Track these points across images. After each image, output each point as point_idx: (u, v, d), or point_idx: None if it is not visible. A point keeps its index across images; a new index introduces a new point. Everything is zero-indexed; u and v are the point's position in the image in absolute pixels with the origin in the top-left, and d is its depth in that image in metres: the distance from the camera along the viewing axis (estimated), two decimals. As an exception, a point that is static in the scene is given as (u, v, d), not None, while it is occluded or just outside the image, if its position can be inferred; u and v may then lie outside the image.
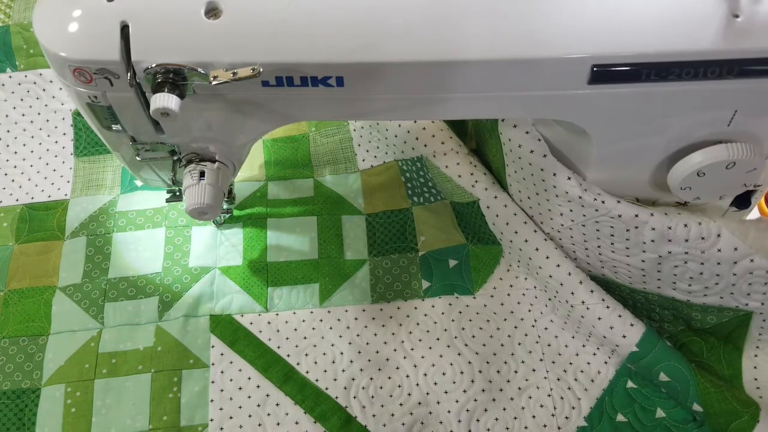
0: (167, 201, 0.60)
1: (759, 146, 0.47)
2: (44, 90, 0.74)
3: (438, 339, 0.62)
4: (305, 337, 0.62)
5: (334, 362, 0.61)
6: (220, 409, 0.59)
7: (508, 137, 0.56)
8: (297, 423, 0.58)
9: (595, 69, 0.42)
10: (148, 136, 0.49)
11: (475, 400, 0.59)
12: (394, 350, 0.62)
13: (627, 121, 0.47)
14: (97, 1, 0.41)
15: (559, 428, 0.59)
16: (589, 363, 0.61)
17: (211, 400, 0.59)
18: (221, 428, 0.58)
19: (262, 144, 0.72)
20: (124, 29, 0.41)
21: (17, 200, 0.69)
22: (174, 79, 0.41)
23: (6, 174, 0.70)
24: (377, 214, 0.68)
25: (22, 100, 0.73)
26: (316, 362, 0.61)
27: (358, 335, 0.62)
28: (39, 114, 0.73)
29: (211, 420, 0.58)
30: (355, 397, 0.60)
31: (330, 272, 0.65)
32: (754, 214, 0.66)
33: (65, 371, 0.60)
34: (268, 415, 0.59)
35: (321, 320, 0.63)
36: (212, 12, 0.41)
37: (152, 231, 0.67)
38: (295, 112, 0.48)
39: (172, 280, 0.64)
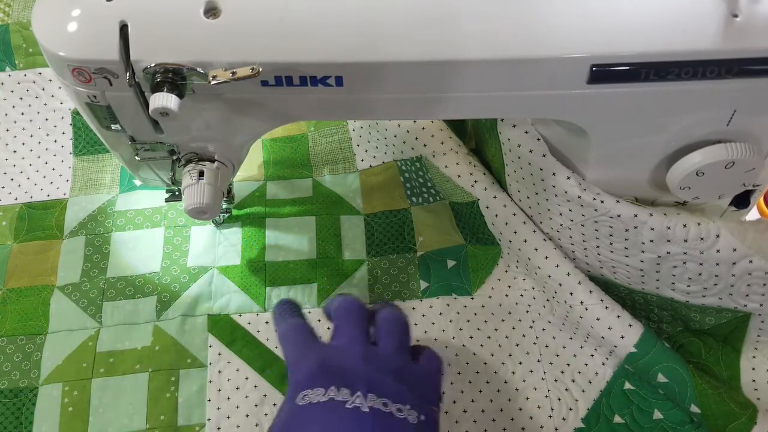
0: (166, 200, 0.60)
1: (758, 146, 0.47)
2: (43, 89, 0.74)
3: (436, 339, 0.62)
4: (303, 337, 0.62)
5: (332, 362, 0.61)
6: (218, 408, 0.59)
7: (507, 137, 0.56)
8: (295, 423, 0.58)
9: (594, 69, 0.42)
10: (147, 135, 0.49)
11: (473, 401, 0.59)
12: (393, 350, 0.62)
13: (626, 121, 0.47)
14: (96, 0, 0.41)
15: (556, 429, 0.59)
16: (586, 364, 0.61)
17: (209, 400, 0.59)
18: (218, 428, 0.58)
19: (261, 144, 0.72)
20: (123, 29, 0.41)
21: (16, 199, 0.69)
22: (173, 78, 0.41)
23: (5, 173, 0.70)
24: (376, 214, 0.68)
25: (21, 98, 0.73)
26: (314, 362, 0.61)
27: (356, 335, 0.62)
28: (38, 113, 0.73)
29: (209, 420, 0.58)
30: (353, 397, 0.60)
31: (328, 272, 0.65)
32: (753, 214, 0.67)
33: (63, 370, 0.60)
34: (266, 414, 0.59)
35: (319, 320, 0.63)
36: (211, 11, 0.41)
37: (151, 230, 0.67)
38: (294, 112, 0.48)
39: (170, 279, 0.64)
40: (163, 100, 0.40)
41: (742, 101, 0.45)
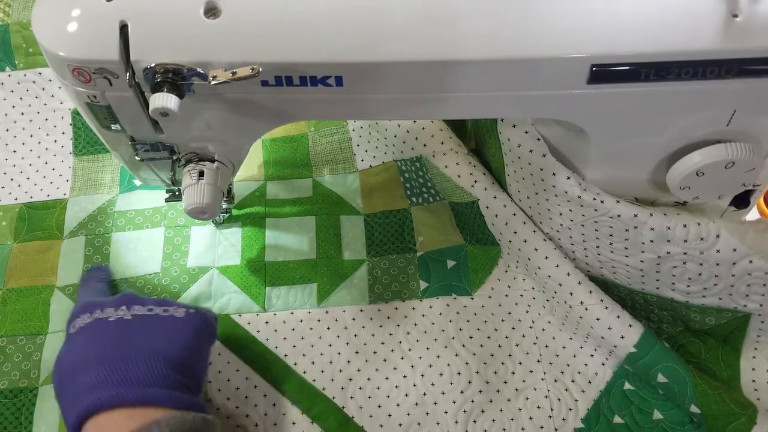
0: (166, 201, 0.60)
1: (758, 146, 0.47)
2: (43, 89, 0.73)
3: (435, 340, 0.62)
4: (303, 337, 0.62)
5: (331, 362, 0.61)
6: (217, 409, 0.59)
7: (507, 137, 0.56)
8: (294, 423, 0.58)
9: (594, 69, 0.42)
10: (147, 135, 0.49)
11: (472, 401, 0.59)
12: (392, 351, 0.62)
13: (626, 121, 0.47)
14: (96, 0, 0.41)
15: (555, 430, 0.59)
16: (586, 364, 0.61)
17: (209, 400, 0.59)
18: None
19: (261, 144, 0.72)
20: (123, 29, 0.41)
21: (16, 199, 0.69)
22: (173, 78, 0.41)
23: (5, 173, 0.70)
24: (376, 214, 0.68)
25: (21, 98, 0.73)
26: (313, 362, 0.61)
27: (355, 335, 0.62)
28: (38, 113, 0.73)
29: (209, 420, 0.58)
30: (352, 398, 0.60)
31: (328, 272, 0.65)
32: (753, 214, 0.67)
33: (63, 370, 0.60)
34: (265, 415, 0.58)
35: (319, 320, 0.63)
36: (211, 11, 0.41)
37: (151, 231, 0.67)
38: (294, 112, 0.48)
39: (170, 280, 0.64)
40: (163, 100, 0.40)
41: (742, 101, 0.45)
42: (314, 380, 0.60)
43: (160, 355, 0.47)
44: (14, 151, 0.71)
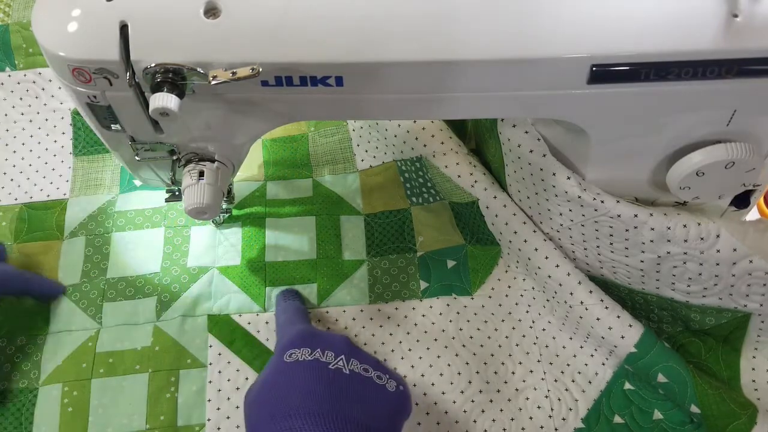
0: (166, 201, 0.60)
1: (758, 146, 0.47)
2: (43, 89, 0.74)
3: (436, 340, 0.62)
4: (303, 337, 0.62)
5: (332, 362, 0.61)
6: (218, 409, 0.59)
7: (507, 137, 0.56)
8: (295, 423, 0.58)
9: (594, 69, 0.42)
10: (148, 135, 0.49)
11: (473, 401, 0.59)
12: (392, 351, 0.62)
13: (626, 121, 0.47)
14: (96, 0, 0.41)
15: (556, 430, 0.59)
16: (586, 364, 0.61)
17: (209, 400, 0.59)
18: (218, 428, 0.58)
19: (261, 144, 0.72)
20: (123, 29, 0.41)
21: (16, 199, 0.69)
22: (173, 78, 0.41)
23: (5, 173, 0.70)
24: (376, 214, 0.68)
25: (21, 99, 0.73)
26: (314, 362, 0.61)
27: (355, 335, 0.62)
28: (38, 113, 0.73)
29: (209, 420, 0.58)
30: (353, 398, 0.60)
31: (328, 272, 0.65)
32: (753, 214, 0.66)
33: (63, 371, 0.60)
34: (266, 415, 0.58)
35: (318, 320, 0.63)
36: (211, 12, 0.41)
37: (151, 231, 0.67)
38: (294, 112, 0.48)
39: (170, 280, 0.64)
40: (163, 100, 0.40)
41: (742, 101, 0.45)
42: (314, 380, 0.60)
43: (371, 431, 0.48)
44: (14, 152, 0.71)
